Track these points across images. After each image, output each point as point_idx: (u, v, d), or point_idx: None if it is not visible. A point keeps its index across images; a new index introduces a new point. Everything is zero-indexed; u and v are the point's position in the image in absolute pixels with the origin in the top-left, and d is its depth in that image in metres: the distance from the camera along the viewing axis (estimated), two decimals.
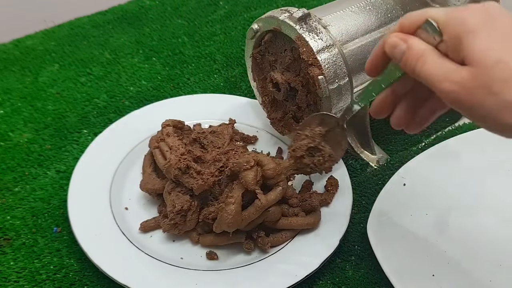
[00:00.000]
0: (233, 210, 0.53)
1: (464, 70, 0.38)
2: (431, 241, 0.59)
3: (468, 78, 0.38)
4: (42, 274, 0.57)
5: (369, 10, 0.65)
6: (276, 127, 0.69)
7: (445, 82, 0.39)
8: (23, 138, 0.72)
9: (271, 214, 0.57)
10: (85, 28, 0.93)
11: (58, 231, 0.61)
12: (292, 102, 0.65)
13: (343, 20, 0.63)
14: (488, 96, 0.37)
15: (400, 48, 0.42)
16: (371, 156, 0.70)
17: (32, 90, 0.80)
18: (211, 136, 0.65)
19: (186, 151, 0.59)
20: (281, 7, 0.62)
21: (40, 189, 0.66)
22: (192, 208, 0.57)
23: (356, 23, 0.63)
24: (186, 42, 0.91)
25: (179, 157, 0.58)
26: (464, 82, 0.38)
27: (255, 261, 0.57)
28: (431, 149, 0.67)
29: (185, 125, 0.68)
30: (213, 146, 0.63)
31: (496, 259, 0.57)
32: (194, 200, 0.58)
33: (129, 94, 0.80)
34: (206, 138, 0.64)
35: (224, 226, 0.54)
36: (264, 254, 0.58)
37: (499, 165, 0.65)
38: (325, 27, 0.61)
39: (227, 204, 0.54)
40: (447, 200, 0.63)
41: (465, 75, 0.38)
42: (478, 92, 0.37)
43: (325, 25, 0.61)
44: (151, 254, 0.57)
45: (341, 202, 0.62)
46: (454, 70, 0.39)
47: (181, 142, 0.62)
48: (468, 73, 0.38)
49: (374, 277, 0.58)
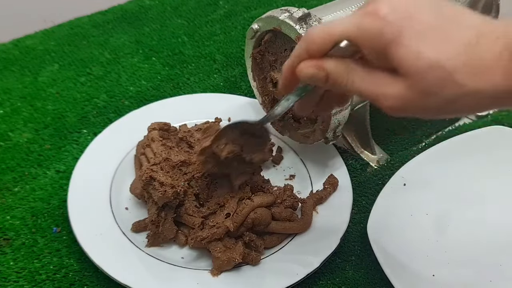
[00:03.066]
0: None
1: (399, 83, 0.36)
2: (431, 241, 0.59)
3: (406, 90, 0.36)
4: (41, 274, 0.57)
5: None
6: (276, 127, 0.69)
7: (383, 98, 0.37)
8: (23, 138, 0.72)
9: (259, 217, 0.57)
10: (85, 28, 0.93)
11: (58, 231, 0.61)
12: None
13: None
14: (429, 99, 0.36)
15: (319, 76, 0.39)
16: (371, 156, 0.70)
17: (31, 90, 0.80)
18: (198, 134, 0.64)
19: (164, 159, 0.58)
20: (281, 6, 0.62)
21: (39, 189, 0.66)
22: (160, 220, 0.57)
23: None
24: (186, 42, 0.91)
25: (146, 169, 0.57)
26: (402, 94, 0.36)
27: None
28: (431, 149, 0.67)
29: (171, 126, 0.67)
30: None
31: (496, 259, 0.57)
32: (162, 211, 0.57)
33: (128, 94, 0.80)
34: (193, 137, 0.64)
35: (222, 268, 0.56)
36: (264, 254, 0.58)
37: (499, 165, 0.65)
38: None
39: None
40: (447, 200, 0.63)
41: (401, 87, 0.36)
42: (417, 100, 0.36)
43: None
44: (151, 254, 0.57)
45: (341, 202, 0.62)
46: (388, 84, 0.37)
47: (164, 147, 0.62)
48: (404, 85, 0.36)
49: (374, 277, 0.58)
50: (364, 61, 0.38)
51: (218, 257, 0.54)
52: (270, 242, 0.58)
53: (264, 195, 0.59)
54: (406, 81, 0.36)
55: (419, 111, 0.37)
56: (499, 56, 0.35)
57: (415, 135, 0.74)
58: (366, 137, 0.70)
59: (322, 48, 0.38)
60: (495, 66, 0.35)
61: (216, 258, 0.55)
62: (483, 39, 0.35)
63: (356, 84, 0.38)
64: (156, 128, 0.65)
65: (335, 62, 0.38)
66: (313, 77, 0.39)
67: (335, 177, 0.64)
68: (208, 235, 0.55)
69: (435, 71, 0.35)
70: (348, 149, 0.71)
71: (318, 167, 0.67)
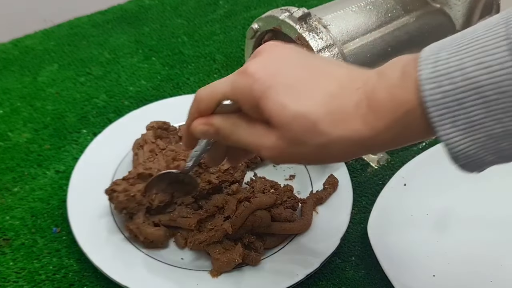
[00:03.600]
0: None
1: (271, 134, 0.39)
2: (431, 241, 0.59)
3: (278, 141, 0.39)
4: (41, 274, 0.57)
5: (370, 9, 0.65)
6: None
7: (261, 149, 0.40)
8: (22, 138, 0.72)
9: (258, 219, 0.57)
10: (84, 27, 0.93)
11: (58, 232, 0.61)
12: None
13: (343, 19, 0.63)
14: (300, 148, 0.38)
15: (210, 132, 0.43)
16: (372, 156, 0.70)
17: (31, 90, 0.80)
18: None
19: (136, 176, 0.59)
20: (281, 6, 0.62)
21: (39, 189, 0.66)
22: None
23: (356, 22, 0.63)
24: (186, 42, 0.90)
25: (111, 184, 0.58)
26: (276, 145, 0.39)
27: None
28: (431, 149, 0.67)
29: (170, 125, 0.68)
30: None
31: (496, 259, 0.57)
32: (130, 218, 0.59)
33: (128, 94, 0.80)
34: None
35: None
36: (264, 254, 0.58)
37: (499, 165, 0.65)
38: (325, 27, 0.61)
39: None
40: (447, 200, 0.63)
41: (274, 138, 0.39)
42: (290, 149, 0.39)
43: (325, 24, 0.61)
44: (150, 255, 0.57)
45: (341, 202, 0.62)
46: (264, 136, 0.40)
47: (151, 154, 0.62)
48: (275, 136, 0.39)
49: (374, 277, 0.58)
50: (247, 116, 0.41)
51: (217, 259, 0.54)
52: (270, 243, 0.58)
53: (264, 196, 0.58)
54: (277, 132, 0.39)
55: (298, 159, 0.40)
56: (358, 104, 0.37)
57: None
58: None
59: (209, 107, 0.42)
60: (355, 114, 0.37)
61: (216, 259, 0.55)
62: (345, 89, 0.38)
63: (241, 137, 0.41)
64: (154, 127, 0.65)
65: (222, 118, 0.42)
66: (205, 133, 0.43)
67: (335, 177, 0.64)
68: (207, 238, 0.55)
69: (299, 121, 0.37)
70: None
71: (318, 167, 0.67)
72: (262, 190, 0.60)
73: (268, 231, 0.58)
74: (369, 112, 0.36)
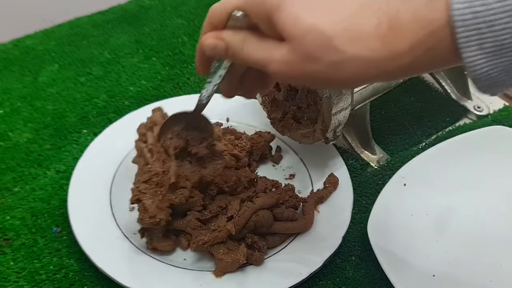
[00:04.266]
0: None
1: (283, 47, 0.38)
2: (431, 241, 0.59)
3: (288, 54, 0.37)
4: (41, 274, 0.57)
5: None
6: (276, 127, 0.69)
7: (271, 63, 0.38)
8: (23, 138, 0.72)
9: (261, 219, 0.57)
10: (84, 28, 0.93)
11: (58, 231, 0.61)
12: (292, 102, 0.65)
13: None
14: (312, 64, 0.37)
15: (219, 47, 0.41)
16: (372, 156, 0.70)
17: (31, 90, 0.80)
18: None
19: (154, 174, 0.57)
20: None
21: (39, 189, 0.66)
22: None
23: None
24: (186, 42, 0.90)
25: (134, 189, 0.56)
26: (286, 58, 0.38)
27: None
28: (431, 149, 0.67)
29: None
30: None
31: (496, 259, 0.57)
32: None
33: (129, 94, 0.80)
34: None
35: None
36: (267, 254, 0.58)
37: (499, 165, 0.65)
38: None
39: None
40: (447, 200, 0.63)
41: (284, 51, 0.37)
42: (301, 64, 0.37)
43: None
44: (152, 255, 0.57)
45: (342, 200, 0.62)
46: (274, 48, 0.38)
47: (155, 152, 0.60)
48: (286, 49, 0.37)
49: (374, 277, 0.58)
50: (259, 32, 0.40)
51: (221, 259, 0.54)
52: (272, 242, 0.58)
53: (266, 196, 0.58)
54: (289, 45, 0.37)
55: (307, 77, 0.38)
56: (379, 24, 0.35)
57: (415, 135, 0.74)
58: (366, 137, 0.69)
59: (220, 19, 0.41)
60: (374, 34, 0.35)
61: (220, 260, 0.55)
62: (365, 8, 0.36)
63: (250, 53, 0.40)
64: (161, 109, 0.65)
65: (232, 32, 0.41)
66: (215, 48, 0.42)
67: (335, 176, 0.64)
68: (210, 238, 0.55)
69: (313, 34, 0.36)
70: (348, 149, 0.71)
71: (318, 167, 0.67)
72: (264, 189, 0.60)
73: (271, 231, 0.58)
74: (389, 33, 0.35)
